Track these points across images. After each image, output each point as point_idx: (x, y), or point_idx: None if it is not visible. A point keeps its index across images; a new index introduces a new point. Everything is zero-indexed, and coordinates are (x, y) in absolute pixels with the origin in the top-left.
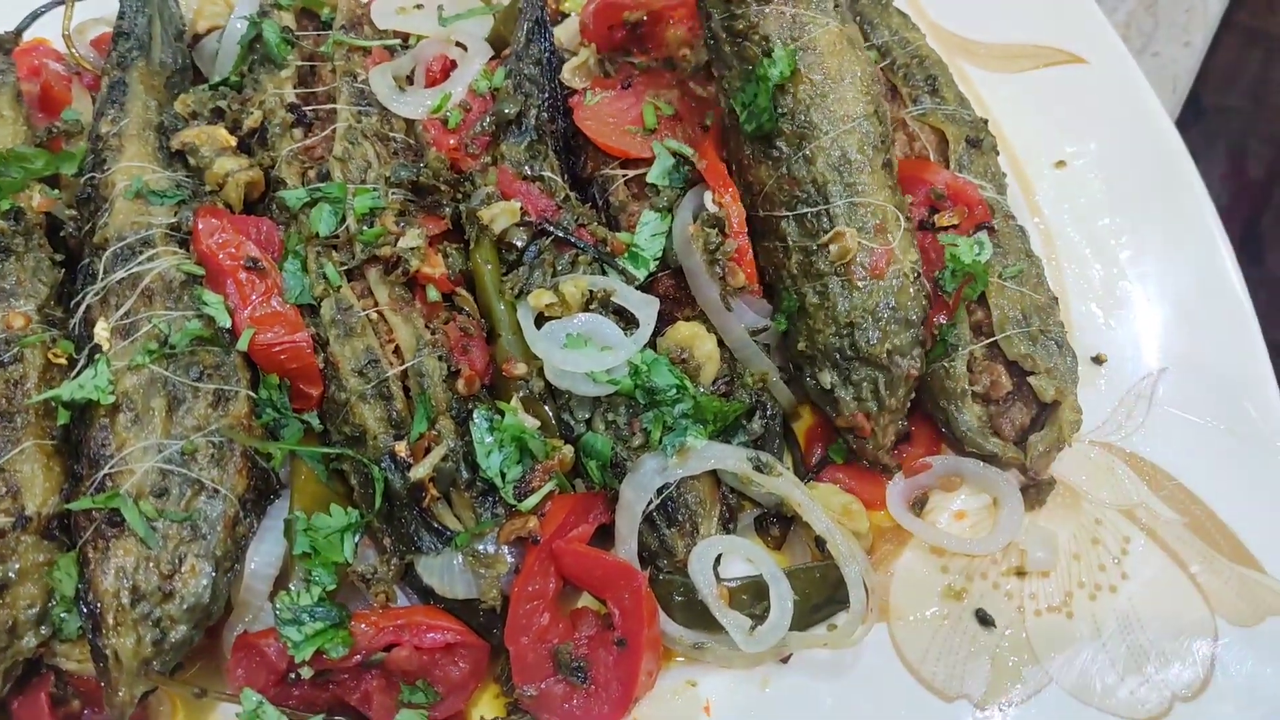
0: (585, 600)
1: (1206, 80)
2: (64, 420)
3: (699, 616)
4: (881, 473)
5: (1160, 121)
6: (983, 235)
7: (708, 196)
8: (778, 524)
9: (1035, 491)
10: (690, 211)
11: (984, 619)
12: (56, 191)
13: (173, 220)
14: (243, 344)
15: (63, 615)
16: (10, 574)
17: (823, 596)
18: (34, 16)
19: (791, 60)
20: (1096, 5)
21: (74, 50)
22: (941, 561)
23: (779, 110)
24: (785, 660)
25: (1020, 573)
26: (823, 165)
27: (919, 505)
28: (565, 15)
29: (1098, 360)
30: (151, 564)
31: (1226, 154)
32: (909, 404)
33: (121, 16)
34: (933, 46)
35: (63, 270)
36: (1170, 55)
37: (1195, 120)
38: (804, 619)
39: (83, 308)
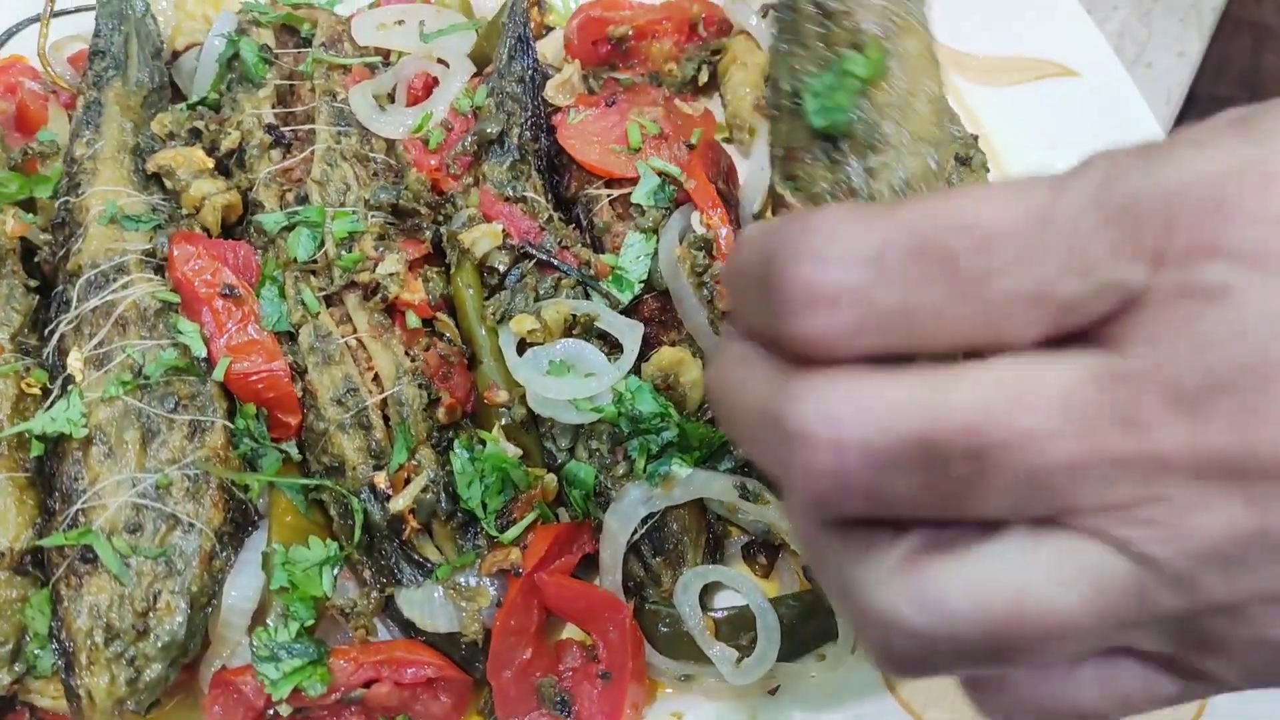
0: (570, 631)
1: (1199, 70)
2: (37, 452)
3: (685, 648)
4: None
5: (1153, 134)
6: None
7: (695, 217)
8: (765, 552)
9: None
10: (676, 233)
11: None
12: (31, 215)
13: (148, 246)
14: (219, 373)
15: (37, 652)
16: None
17: (811, 627)
18: (8, 34)
19: (882, 61)
20: (1089, 17)
21: (50, 69)
22: None
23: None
24: (773, 692)
25: None
26: (884, 184)
27: None
28: (550, 29)
29: None
30: (125, 601)
31: None
32: None
33: (97, 34)
34: None
35: (37, 297)
36: (1164, 66)
37: (1189, 110)
38: (792, 650)
39: (56, 336)
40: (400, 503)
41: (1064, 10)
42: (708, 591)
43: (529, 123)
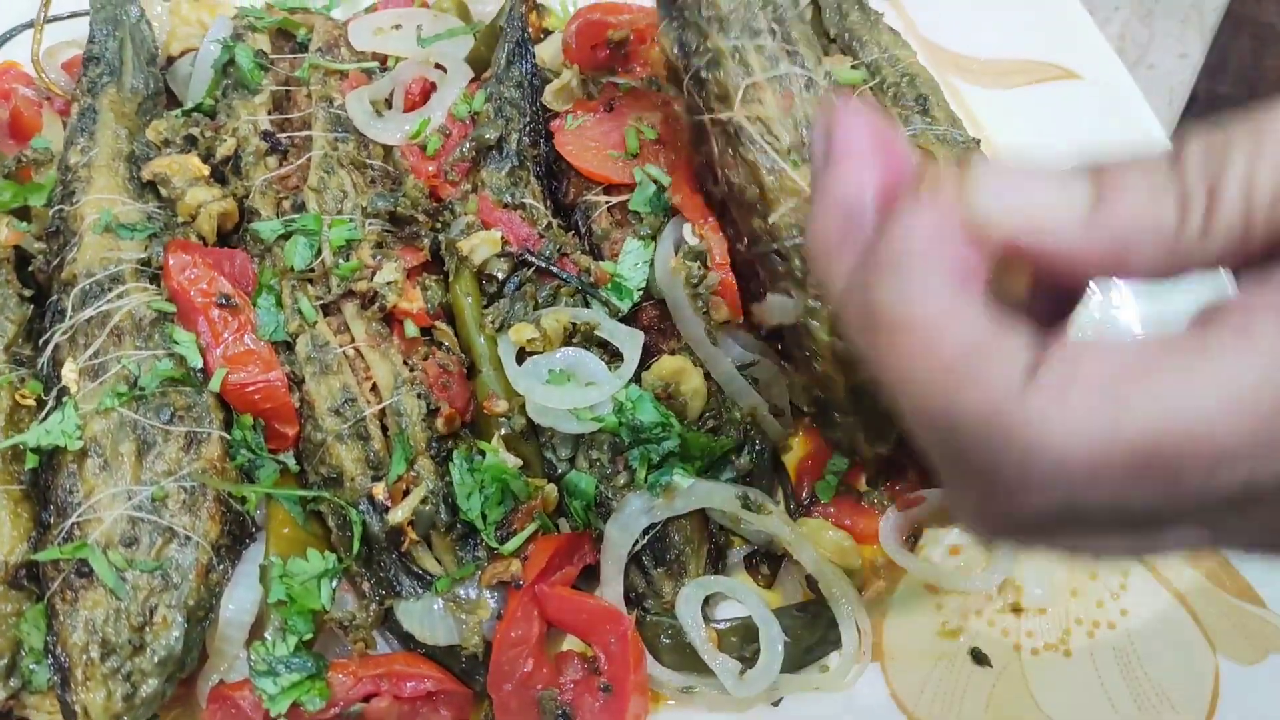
0: (571, 643)
1: (1200, 70)
2: (32, 464)
3: (688, 659)
4: (874, 504)
5: (1155, 137)
6: None
7: (687, 228)
8: (768, 562)
9: None
10: (671, 242)
11: (979, 658)
12: (26, 224)
13: (143, 255)
14: (215, 384)
15: (32, 667)
16: None
17: (814, 637)
18: (2, 40)
19: None
20: (1090, 18)
21: (44, 75)
22: (935, 599)
23: None
24: (777, 704)
25: (1016, 609)
26: None
27: (912, 540)
28: (548, 33)
29: None
30: (121, 616)
31: None
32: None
33: (92, 40)
34: (924, 63)
35: (32, 306)
36: (1166, 68)
37: (1188, 108)
38: (795, 661)
39: (50, 347)
40: (399, 514)
41: (1065, 12)
42: (710, 602)
43: (528, 128)
